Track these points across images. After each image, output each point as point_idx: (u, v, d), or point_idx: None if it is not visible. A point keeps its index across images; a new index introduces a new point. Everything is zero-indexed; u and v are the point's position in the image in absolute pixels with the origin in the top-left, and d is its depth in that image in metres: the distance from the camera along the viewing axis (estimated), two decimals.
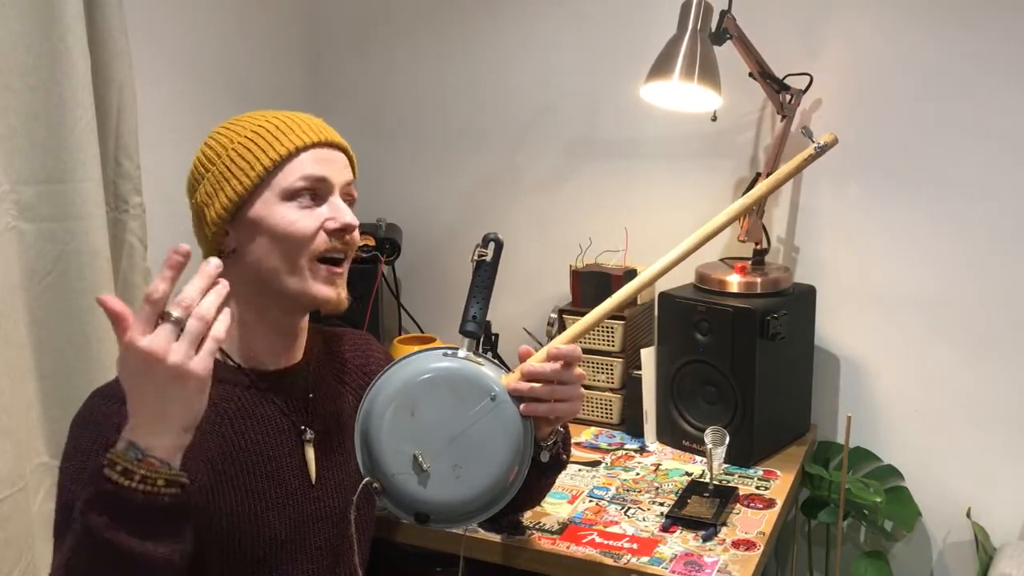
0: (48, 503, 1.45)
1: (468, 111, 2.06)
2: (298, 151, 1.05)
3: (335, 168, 1.07)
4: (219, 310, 0.86)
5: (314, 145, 1.06)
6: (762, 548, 1.33)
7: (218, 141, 1.07)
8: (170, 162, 1.74)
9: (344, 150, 1.11)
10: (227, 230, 1.06)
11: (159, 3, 1.72)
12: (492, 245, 1.11)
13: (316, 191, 1.05)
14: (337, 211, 1.06)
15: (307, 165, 1.05)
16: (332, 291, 1.06)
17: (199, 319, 0.84)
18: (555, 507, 1.45)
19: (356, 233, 1.08)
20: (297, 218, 1.03)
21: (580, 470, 1.61)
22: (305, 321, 1.14)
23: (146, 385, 0.84)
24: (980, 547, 1.65)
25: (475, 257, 1.12)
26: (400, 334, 2.11)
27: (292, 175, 1.04)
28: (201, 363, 0.84)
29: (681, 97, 1.65)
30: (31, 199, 1.38)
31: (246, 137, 1.05)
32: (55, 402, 1.44)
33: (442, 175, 2.11)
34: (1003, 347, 1.68)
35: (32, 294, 1.40)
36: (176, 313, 0.84)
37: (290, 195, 1.04)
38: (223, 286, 0.88)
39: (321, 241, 1.04)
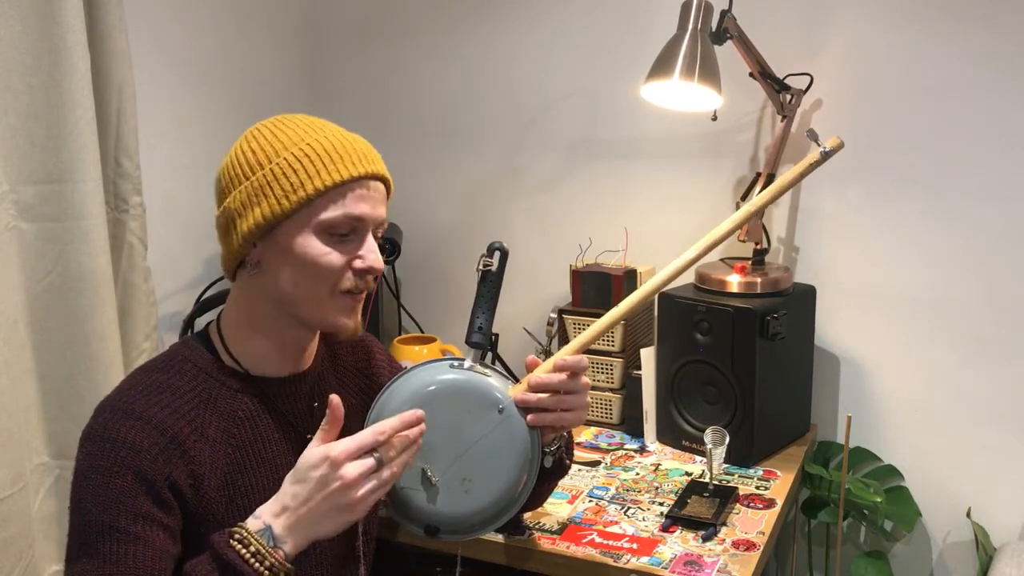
0: (48, 503, 1.45)
1: (468, 111, 2.06)
2: (343, 184, 1.00)
3: (374, 203, 1.03)
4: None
5: (360, 178, 1.01)
6: (762, 548, 1.33)
7: (263, 148, 1.00)
8: (170, 162, 1.75)
9: (385, 180, 1.06)
10: (255, 243, 1.02)
11: (159, 3, 1.72)
12: (497, 255, 1.10)
13: (353, 228, 1.02)
14: (369, 252, 1.03)
15: (349, 202, 1.00)
16: (351, 321, 1.06)
17: (392, 474, 0.96)
18: (555, 507, 1.45)
19: None
20: (326, 252, 1.00)
21: (580, 470, 1.60)
22: (316, 332, 1.13)
23: (320, 495, 0.93)
24: (980, 547, 1.65)
25: (480, 267, 1.10)
26: (400, 334, 2.11)
27: (332, 210, 0.99)
28: (369, 506, 0.95)
29: (681, 97, 1.65)
30: (31, 199, 1.38)
31: (293, 154, 0.99)
32: (55, 402, 1.44)
33: (442, 175, 2.11)
34: (1003, 347, 1.68)
35: (32, 294, 1.40)
36: (379, 454, 0.95)
37: (326, 228, 1.00)
38: (418, 444, 0.99)
39: (347, 279, 1.02)
